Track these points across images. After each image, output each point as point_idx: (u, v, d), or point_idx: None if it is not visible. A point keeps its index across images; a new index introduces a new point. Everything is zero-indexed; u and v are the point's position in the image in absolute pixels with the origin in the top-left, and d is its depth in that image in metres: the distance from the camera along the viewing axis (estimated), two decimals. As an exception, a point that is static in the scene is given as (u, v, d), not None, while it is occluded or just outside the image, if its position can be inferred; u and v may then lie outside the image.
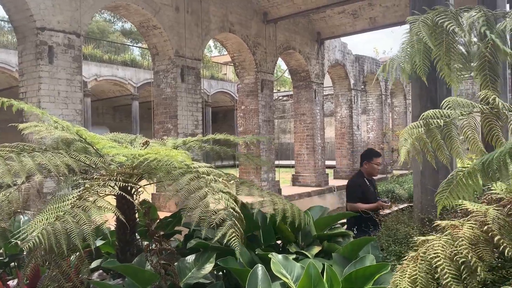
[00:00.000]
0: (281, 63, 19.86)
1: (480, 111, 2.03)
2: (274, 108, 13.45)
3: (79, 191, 2.71)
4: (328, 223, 4.85)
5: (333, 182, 15.56)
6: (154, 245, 3.68)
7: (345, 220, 5.52)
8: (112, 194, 3.48)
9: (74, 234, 2.13)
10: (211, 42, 40.32)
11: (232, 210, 2.93)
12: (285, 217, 3.84)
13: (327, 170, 15.69)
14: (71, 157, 3.25)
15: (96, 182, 2.87)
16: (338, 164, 17.35)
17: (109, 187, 3.31)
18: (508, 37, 2.23)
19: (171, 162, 2.97)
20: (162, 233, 4.50)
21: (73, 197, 2.55)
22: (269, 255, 3.37)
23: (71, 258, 3.26)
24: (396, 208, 6.46)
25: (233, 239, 2.76)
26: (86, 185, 3.04)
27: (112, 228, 4.17)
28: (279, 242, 4.71)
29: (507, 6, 8.80)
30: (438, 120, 1.83)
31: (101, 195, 3.04)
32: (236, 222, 2.97)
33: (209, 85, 25.38)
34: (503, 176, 1.59)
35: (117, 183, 3.14)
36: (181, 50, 9.66)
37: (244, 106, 12.42)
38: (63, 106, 7.36)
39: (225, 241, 2.81)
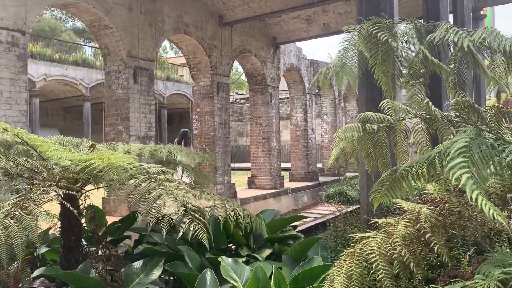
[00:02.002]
0: (238, 66, 19.91)
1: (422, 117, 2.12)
2: (230, 110, 13.43)
3: (15, 198, 2.59)
4: (280, 226, 4.92)
5: (288, 185, 15.74)
6: (100, 251, 3.58)
7: (297, 223, 5.59)
8: (55, 199, 3.35)
9: (2, 247, 2.02)
10: (167, 43, 39.76)
11: (190, 205, 2.91)
12: (237, 220, 3.84)
13: (283, 173, 15.87)
14: (10, 161, 3.10)
15: (36, 188, 2.75)
16: (293, 167, 17.58)
17: (53, 191, 3.20)
18: (451, 47, 2.35)
19: (115, 167, 2.89)
20: (110, 238, 4.39)
21: (8, 204, 2.43)
22: (219, 259, 3.37)
23: (10, 267, 3.11)
24: (345, 210, 6.63)
25: (198, 231, 2.73)
26: (26, 192, 2.91)
27: (58, 234, 4.02)
28: (232, 245, 4.72)
29: (450, 16, 9.28)
30: (373, 125, 1.90)
31: (43, 200, 2.92)
32: (196, 215, 2.95)
33: (164, 87, 25.01)
34: (430, 178, 1.68)
35: (59, 189, 3.03)
36: (134, 51, 9.46)
37: (200, 109, 12.33)
38: (7, 107, 7.01)
39: (190, 235, 2.76)
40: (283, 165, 16.78)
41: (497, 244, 2.78)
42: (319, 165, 20.03)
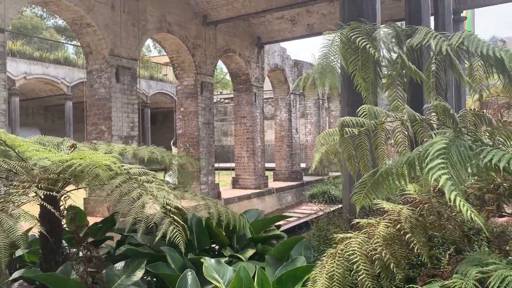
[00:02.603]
0: (223, 65, 19.86)
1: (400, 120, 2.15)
2: (214, 110, 13.38)
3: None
4: (263, 226, 4.92)
5: (272, 184, 15.77)
6: (81, 253, 3.53)
7: (280, 223, 5.60)
8: (35, 201, 3.30)
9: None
10: (150, 42, 39.42)
11: (169, 207, 2.89)
12: (220, 220, 3.83)
13: (267, 173, 15.89)
14: (-13, 161, 3.04)
15: (15, 190, 2.70)
16: (277, 167, 17.61)
17: (33, 192, 3.14)
18: (433, 49, 2.38)
19: (98, 166, 2.85)
20: (91, 239, 4.34)
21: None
22: (202, 259, 3.36)
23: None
24: (328, 210, 6.68)
25: (175, 235, 2.71)
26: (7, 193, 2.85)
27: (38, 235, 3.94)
28: (215, 246, 4.71)
29: (431, 19, 9.42)
30: (353, 129, 1.92)
31: (23, 201, 2.87)
32: (176, 217, 2.93)
33: (148, 86, 24.79)
34: (407, 180, 1.70)
35: (39, 189, 2.98)
36: (116, 50, 9.35)
37: (183, 108, 12.25)
38: (-15, 105, 6.86)
39: (167, 238, 2.75)
40: (267, 165, 16.80)
41: (476, 243, 2.84)
42: (303, 165, 20.12)
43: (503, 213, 2.23)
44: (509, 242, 2.03)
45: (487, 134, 2.13)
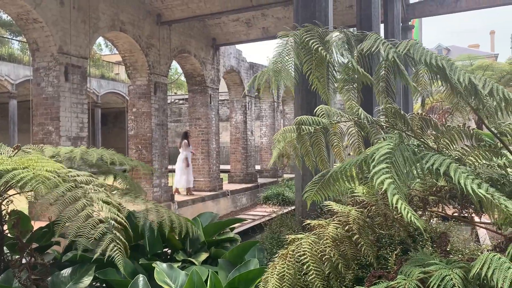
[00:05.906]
0: (178, 66, 19.59)
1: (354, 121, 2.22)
2: (169, 111, 13.17)
3: None
4: (217, 229, 4.90)
5: (227, 187, 15.73)
6: (25, 259, 3.37)
7: (235, 225, 5.59)
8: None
9: None
10: (101, 40, 38.31)
11: (113, 222, 2.81)
12: (172, 226, 3.78)
13: (222, 175, 15.83)
14: None
15: None
16: (232, 169, 17.60)
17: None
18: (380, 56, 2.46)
19: (41, 180, 2.73)
20: (36, 245, 4.14)
21: None
22: (153, 264, 3.30)
23: None
24: (282, 212, 6.75)
25: (115, 253, 2.64)
26: None
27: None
28: (167, 250, 4.63)
29: (381, 25, 9.77)
30: (309, 127, 1.95)
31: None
32: (118, 234, 2.85)
33: (99, 85, 24.01)
34: (360, 180, 1.75)
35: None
36: (65, 47, 9.00)
37: (136, 109, 11.97)
38: None
39: (106, 256, 2.68)
40: (222, 167, 16.73)
41: (420, 243, 2.96)
42: (258, 167, 20.23)
43: (445, 214, 2.35)
44: (449, 243, 2.14)
45: (433, 137, 2.23)
